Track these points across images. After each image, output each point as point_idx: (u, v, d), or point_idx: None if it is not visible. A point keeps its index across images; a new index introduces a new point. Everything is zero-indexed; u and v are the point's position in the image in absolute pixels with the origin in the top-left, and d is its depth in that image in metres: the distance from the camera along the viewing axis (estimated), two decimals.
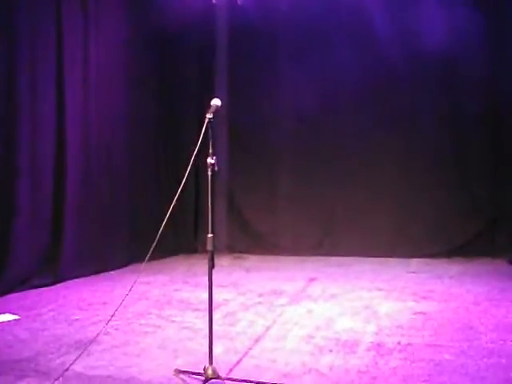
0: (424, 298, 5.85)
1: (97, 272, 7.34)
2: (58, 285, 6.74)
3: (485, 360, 4.06)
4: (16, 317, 5.40)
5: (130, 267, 7.66)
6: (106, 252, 7.59)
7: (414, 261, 7.67)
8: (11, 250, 6.42)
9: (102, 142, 7.58)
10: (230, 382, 3.74)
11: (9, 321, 5.29)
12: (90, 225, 7.40)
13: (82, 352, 3.98)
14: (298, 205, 8.34)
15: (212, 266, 3.65)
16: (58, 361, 4.21)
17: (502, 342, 4.40)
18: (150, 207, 8.01)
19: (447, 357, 4.15)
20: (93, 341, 4.21)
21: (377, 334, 4.74)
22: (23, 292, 6.33)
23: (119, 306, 4.20)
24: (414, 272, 7.12)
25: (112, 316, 4.34)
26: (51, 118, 6.93)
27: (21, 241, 6.52)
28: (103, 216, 7.58)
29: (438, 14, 7.56)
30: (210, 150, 3.67)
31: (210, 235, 3.67)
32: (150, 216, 7.80)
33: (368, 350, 4.36)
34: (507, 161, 7.48)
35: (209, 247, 3.67)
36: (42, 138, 6.83)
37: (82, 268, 7.19)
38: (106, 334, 4.51)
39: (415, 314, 5.29)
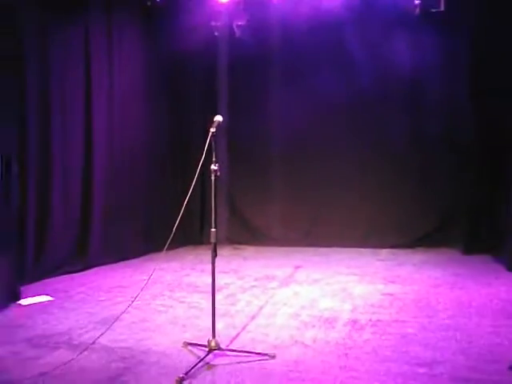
0: (391, 281, 5.85)
1: (119, 260, 7.29)
2: (87, 271, 6.70)
3: (442, 333, 4.08)
4: (51, 298, 5.40)
5: (146, 256, 7.62)
6: (127, 243, 7.56)
7: (383, 250, 7.65)
8: (47, 241, 6.40)
9: (124, 149, 7.54)
10: (229, 352, 3.76)
11: (45, 301, 5.29)
12: (114, 220, 7.36)
13: (107, 329, 3.96)
14: (288, 204, 8.31)
15: (215, 256, 3.66)
16: (86, 335, 4.21)
17: (455, 319, 4.42)
18: (163, 206, 7.97)
19: (410, 330, 4.16)
20: (116, 318, 4.19)
21: (352, 311, 4.75)
22: (57, 277, 6.30)
23: (141, 290, 4.16)
24: (383, 260, 7.11)
25: (135, 298, 4.31)
26: (80, 127, 6.90)
27: (55, 233, 6.50)
28: (124, 213, 7.54)
29: (408, 44, 7.59)
30: (213, 159, 3.68)
31: (213, 229, 3.68)
32: (163, 213, 7.77)
33: (345, 325, 4.37)
34: (461, 167, 7.47)
35: (212, 240, 3.68)
36: (73, 145, 6.80)
37: (107, 257, 7.15)
38: (127, 312, 4.50)
39: (384, 295, 5.29)
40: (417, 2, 7.00)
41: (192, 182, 3.81)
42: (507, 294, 5.05)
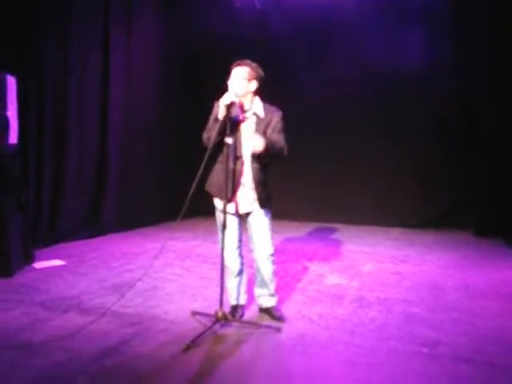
0: (401, 261, 5.84)
1: (132, 227, 7.37)
2: (101, 237, 6.79)
3: (447, 314, 4.07)
4: (63, 262, 5.47)
5: (160, 225, 7.69)
6: (141, 211, 7.62)
7: (395, 230, 7.64)
8: (62, 207, 6.48)
9: (140, 118, 7.58)
10: (236, 323, 3.79)
11: (58, 266, 5.36)
12: (129, 188, 7.43)
13: (121, 297, 3.98)
14: (301, 180, 8.21)
15: (224, 227, 3.65)
16: (96, 300, 4.27)
17: (462, 301, 4.41)
18: (179, 175, 7.96)
19: (416, 310, 4.16)
20: (132, 287, 4.21)
21: (359, 289, 4.75)
22: (71, 242, 6.39)
23: (154, 258, 4.16)
24: (394, 239, 7.09)
25: (150, 267, 4.33)
26: (96, 95, 6.95)
27: (70, 199, 6.58)
28: (140, 181, 7.61)
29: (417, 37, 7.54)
30: (227, 131, 3.64)
31: (224, 201, 3.66)
32: (178, 182, 7.79)
33: (351, 302, 4.38)
34: (473, 151, 7.39)
35: (224, 211, 3.66)
36: (89, 114, 6.85)
37: (121, 224, 7.23)
38: (138, 279, 4.54)
39: (392, 274, 5.29)
40: None
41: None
42: None
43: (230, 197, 3.68)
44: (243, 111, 3.77)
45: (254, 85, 3.77)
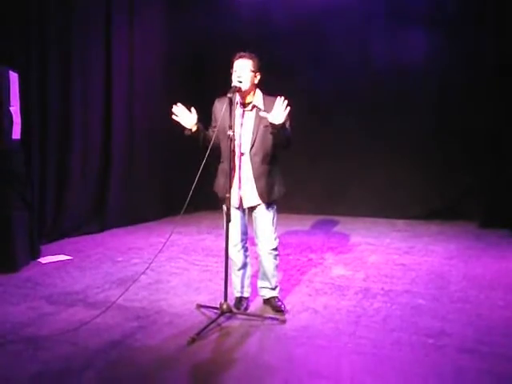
0: (405, 252, 5.83)
1: (137, 222, 7.39)
2: (104, 232, 6.82)
3: (452, 305, 4.07)
4: (69, 257, 5.50)
5: (164, 219, 7.71)
6: (145, 205, 7.64)
7: (399, 221, 7.63)
8: (66, 202, 6.50)
9: (144, 111, 7.59)
10: (240, 315, 3.80)
11: (63, 260, 5.39)
12: (132, 183, 7.44)
13: (125, 291, 3.97)
14: (305, 173, 8.18)
15: (228, 220, 3.65)
16: (102, 294, 4.29)
17: (467, 291, 4.40)
18: (182, 169, 7.97)
19: (421, 301, 4.16)
20: (135, 280, 4.22)
21: (364, 280, 4.76)
22: (75, 237, 6.43)
23: (158, 251, 4.18)
24: (398, 230, 7.08)
25: (153, 260, 4.35)
26: (100, 90, 6.96)
27: (74, 195, 6.59)
28: (143, 175, 7.61)
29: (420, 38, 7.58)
30: (229, 124, 3.63)
31: (227, 195, 3.65)
32: (182, 176, 7.79)
33: (356, 293, 4.38)
34: (480, 141, 7.33)
35: (227, 204, 3.66)
36: (93, 109, 6.84)
37: (124, 218, 7.25)
38: (143, 273, 4.55)
39: (397, 265, 5.28)
40: None
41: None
42: None
43: (231, 190, 3.68)
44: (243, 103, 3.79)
45: (259, 77, 3.78)
